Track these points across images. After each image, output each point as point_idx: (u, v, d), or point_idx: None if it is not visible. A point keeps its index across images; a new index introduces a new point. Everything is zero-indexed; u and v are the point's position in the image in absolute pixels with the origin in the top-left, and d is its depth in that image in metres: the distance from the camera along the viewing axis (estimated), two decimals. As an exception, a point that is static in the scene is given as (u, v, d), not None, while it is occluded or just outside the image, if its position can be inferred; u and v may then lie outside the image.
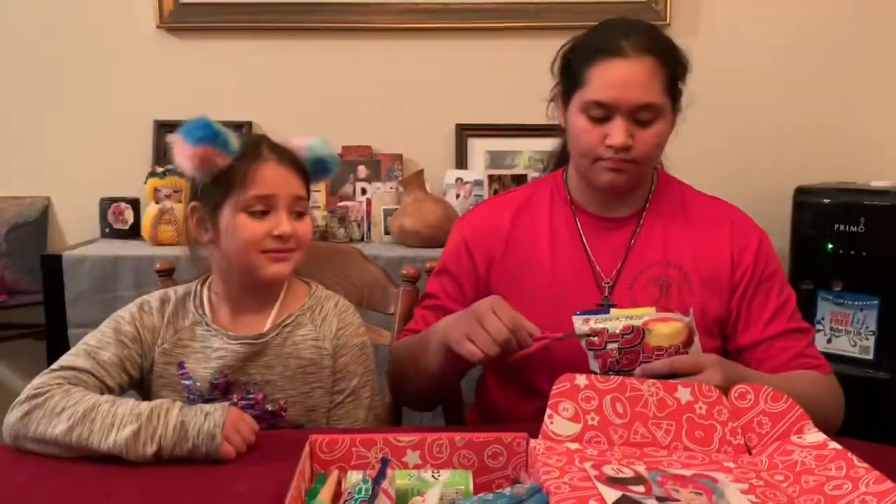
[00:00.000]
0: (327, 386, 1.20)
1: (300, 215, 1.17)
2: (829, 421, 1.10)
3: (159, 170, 2.21)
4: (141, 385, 1.19)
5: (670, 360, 1.02)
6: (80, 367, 1.08)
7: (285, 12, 2.38)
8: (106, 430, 0.97)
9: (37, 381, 1.05)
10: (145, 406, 1.00)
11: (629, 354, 1.03)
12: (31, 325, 2.27)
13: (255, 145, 1.15)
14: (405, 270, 1.53)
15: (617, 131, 1.15)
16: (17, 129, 2.44)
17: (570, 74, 1.21)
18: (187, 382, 1.16)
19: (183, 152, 1.09)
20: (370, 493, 0.74)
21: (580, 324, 1.05)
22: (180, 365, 1.17)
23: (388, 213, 2.24)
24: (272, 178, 1.13)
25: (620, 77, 1.14)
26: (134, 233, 2.29)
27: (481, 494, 0.77)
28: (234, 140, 1.12)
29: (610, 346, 1.03)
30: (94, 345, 1.13)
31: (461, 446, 0.87)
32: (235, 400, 1.16)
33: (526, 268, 1.26)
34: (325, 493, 0.80)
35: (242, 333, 1.17)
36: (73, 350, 1.12)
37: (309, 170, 1.20)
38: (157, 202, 2.18)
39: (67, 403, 1.00)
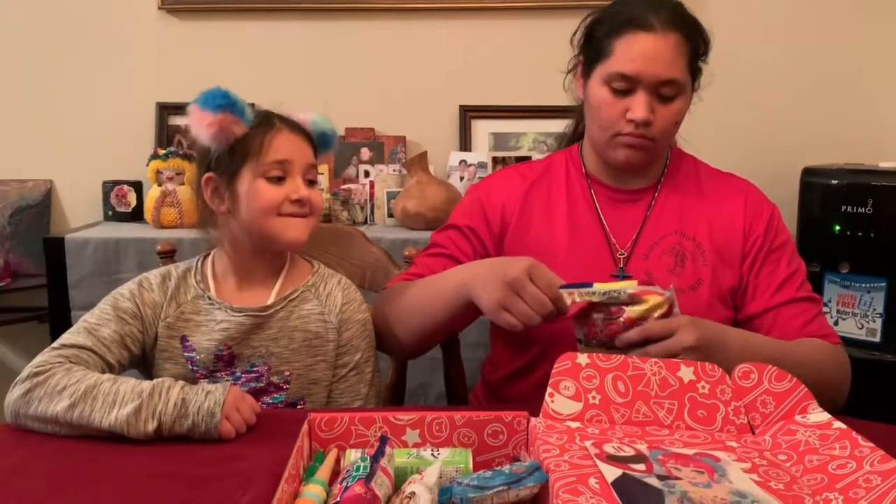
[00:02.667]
0: (330, 360, 1.21)
1: (311, 184, 1.19)
2: (831, 389, 1.11)
3: (162, 152, 2.20)
4: (143, 361, 1.19)
5: (642, 327, 1.01)
6: (80, 344, 1.09)
7: (287, -7, 2.37)
8: (108, 407, 0.97)
9: (38, 359, 1.05)
10: (147, 384, 1.00)
11: (612, 326, 1.02)
12: (34, 308, 2.27)
13: (268, 116, 1.18)
14: (408, 251, 1.52)
15: (639, 105, 1.15)
16: (20, 113, 2.43)
17: (594, 46, 1.20)
18: (190, 355, 1.17)
19: (202, 120, 1.11)
20: (368, 470, 0.74)
21: (564, 296, 1.04)
22: (183, 339, 1.17)
23: (391, 196, 2.23)
24: (287, 145, 1.16)
25: (647, 50, 1.14)
26: (137, 215, 2.30)
27: (480, 472, 0.77)
28: (249, 109, 1.15)
29: (595, 316, 1.03)
30: (94, 322, 1.13)
31: (461, 425, 0.86)
32: (239, 373, 1.17)
33: (542, 238, 1.26)
34: (324, 471, 0.80)
35: (246, 306, 1.18)
36: (73, 328, 1.12)
37: (315, 143, 1.23)
38: (159, 185, 2.18)
39: (69, 381, 1.00)
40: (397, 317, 1.22)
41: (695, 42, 1.18)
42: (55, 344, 1.09)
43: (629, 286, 1.02)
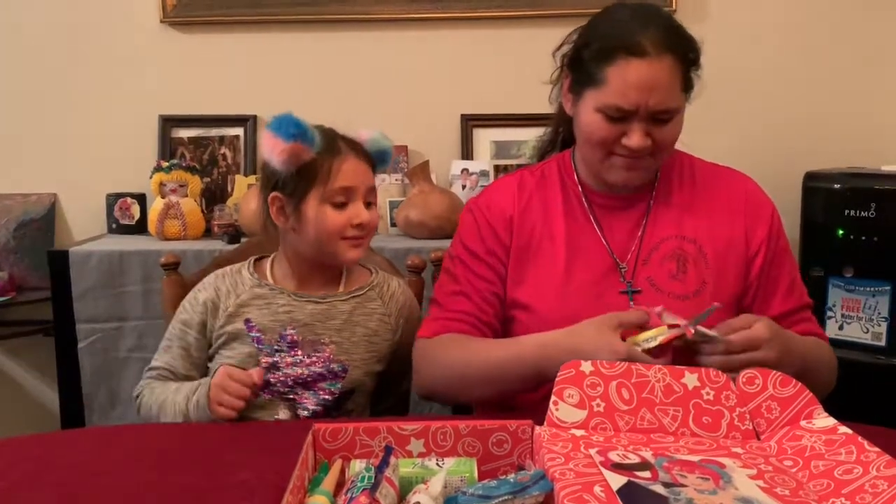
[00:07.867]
0: (384, 358, 1.31)
1: (369, 205, 1.27)
2: (828, 385, 1.18)
3: (165, 164, 2.21)
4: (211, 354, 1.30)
5: (725, 342, 1.01)
6: (158, 365, 1.29)
7: (289, 5, 2.38)
8: (171, 417, 1.20)
9: (140, 382, 1.29)
10: (182, 397, 1.20)
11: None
12: (39, 321, 2.28)
13: (333, 140, 1.25)
14: (411, 261, 1.52)
15: (636, 134, 1.13)
16: (23, 127, 2.44)
17: (584, 69, 1.16)
18: (255, 335, 1.26)
19: (275, 147, 1.19)
20: (373, 481, 0.74)
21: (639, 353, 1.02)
22: (247, 320, 1.26)
23: (393, 206, 2.23)
24: (352, 171, 1.23)
25: (643, 80, 1.09)
26: (140, 228, 2.30)
27: (485, 481, 0.76)
28: (318, 136, 1.22)
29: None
30: (167, 342, 1.30)
31: (466, 434, 0.86)
32: (302, 356, 1.25)
33: (543, 248, 1.24)
34: (329, 482, 0.80)
35: (308, 293, 1.29)
36: (159, 347, 1.32)
37: (373, 160, 1.30)
38: (162, 197, 2.19)
39: (153, 400, 1.24)
40: (463, 382, 1.18)
41: (688, 59, 1.15)
42: (148, 366, 1.30)
43: (662, 333, 1.02)
